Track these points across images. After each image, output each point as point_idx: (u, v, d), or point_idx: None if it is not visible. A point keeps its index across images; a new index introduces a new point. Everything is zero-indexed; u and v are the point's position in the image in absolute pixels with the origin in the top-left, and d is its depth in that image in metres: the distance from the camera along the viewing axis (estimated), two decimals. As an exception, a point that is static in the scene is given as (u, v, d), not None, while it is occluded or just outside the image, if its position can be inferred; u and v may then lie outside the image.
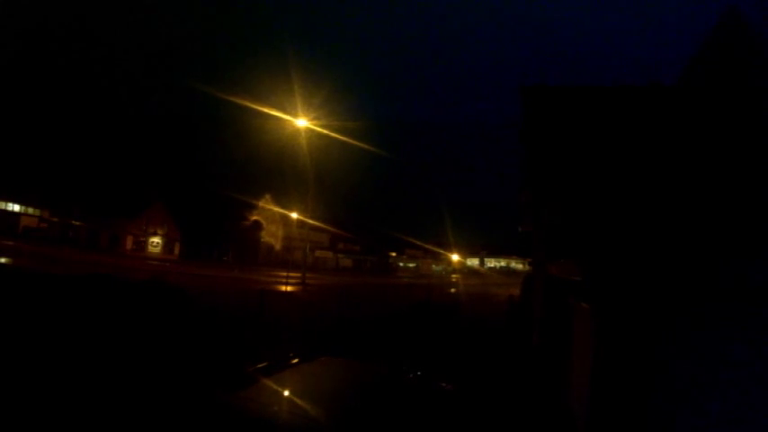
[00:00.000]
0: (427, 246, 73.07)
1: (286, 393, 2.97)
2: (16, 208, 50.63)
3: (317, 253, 63.60)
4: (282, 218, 50.63)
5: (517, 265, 76.84)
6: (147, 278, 13.48)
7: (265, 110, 25.85)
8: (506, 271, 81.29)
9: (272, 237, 56.19)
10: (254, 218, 54.51)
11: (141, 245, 53.11)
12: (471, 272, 77.61)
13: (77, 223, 51.57)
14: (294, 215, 43.99)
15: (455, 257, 73.26)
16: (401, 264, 79.28)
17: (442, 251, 72.27)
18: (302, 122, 25.19)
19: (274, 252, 56.49)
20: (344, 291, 13.15)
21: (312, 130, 25.76)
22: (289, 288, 27.04)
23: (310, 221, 37.79)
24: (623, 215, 6.79)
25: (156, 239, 53.96)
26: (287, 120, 25.05)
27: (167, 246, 54.31)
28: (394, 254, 78.34)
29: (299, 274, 32.73)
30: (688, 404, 3.22)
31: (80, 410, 4.48)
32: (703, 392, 3.19)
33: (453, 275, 64.82)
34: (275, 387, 2.96)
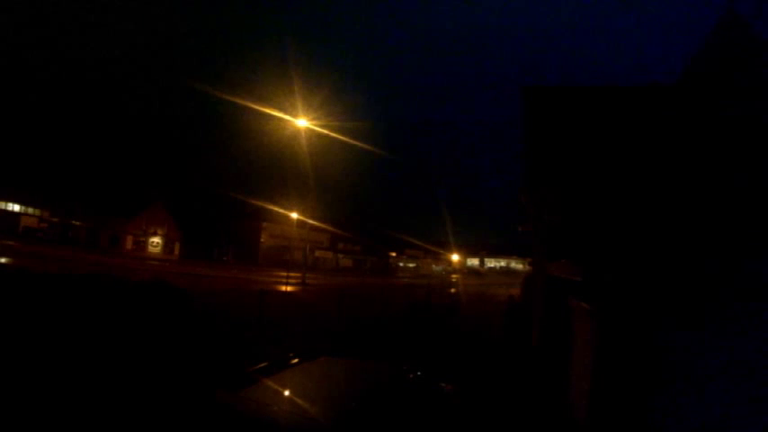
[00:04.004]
0: (427, 246, 73.09)
1: (286, 393, 2.97)
2: (16, 208, 50.66)
3: (317, 253, 63.55)
4: (282, 218, 50.63)
5: (517, 265, 76.90)
6: (148, 278, 13.46)
7: (266, 110, 25.84)
8: (506, 271, 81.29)
9: (272, 237, 56.25)
10: (254, 218, 54.55)
11: (141, 245, 53.11)
12: (471, 272, 77.58)
13: (77, 223, 51.63)
14: (294, 215, 44.00)
15: (455, 257, 73.24)
16: (401, 264, 79.19)
17: (441, 251, 72.31)
18: (302, 123, 25.16)
19: (274, 252, 56.51)
20: (344, 291, 13.16)
21: (312, 131, 25.74)
22: (289, 288, 27.03)
23: (310, 221, 37.80)
24: (623, 215, 6.79)
25: (155, 239, 53.94)
26: (287, 120, 25.04)
27: (167, 246, 54.25)
28: (394, 254, 78.25)
29: (299, 275, 32.74)
30: (687, 403, 3.22)
31: (82, 410, 4.48)
32: (703, 391, 3.19)
33: (453, 275, 64.75)
34: (275, 387, 2.96)
